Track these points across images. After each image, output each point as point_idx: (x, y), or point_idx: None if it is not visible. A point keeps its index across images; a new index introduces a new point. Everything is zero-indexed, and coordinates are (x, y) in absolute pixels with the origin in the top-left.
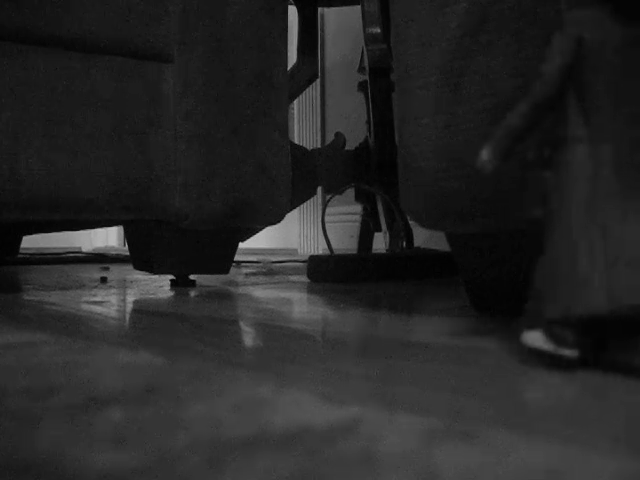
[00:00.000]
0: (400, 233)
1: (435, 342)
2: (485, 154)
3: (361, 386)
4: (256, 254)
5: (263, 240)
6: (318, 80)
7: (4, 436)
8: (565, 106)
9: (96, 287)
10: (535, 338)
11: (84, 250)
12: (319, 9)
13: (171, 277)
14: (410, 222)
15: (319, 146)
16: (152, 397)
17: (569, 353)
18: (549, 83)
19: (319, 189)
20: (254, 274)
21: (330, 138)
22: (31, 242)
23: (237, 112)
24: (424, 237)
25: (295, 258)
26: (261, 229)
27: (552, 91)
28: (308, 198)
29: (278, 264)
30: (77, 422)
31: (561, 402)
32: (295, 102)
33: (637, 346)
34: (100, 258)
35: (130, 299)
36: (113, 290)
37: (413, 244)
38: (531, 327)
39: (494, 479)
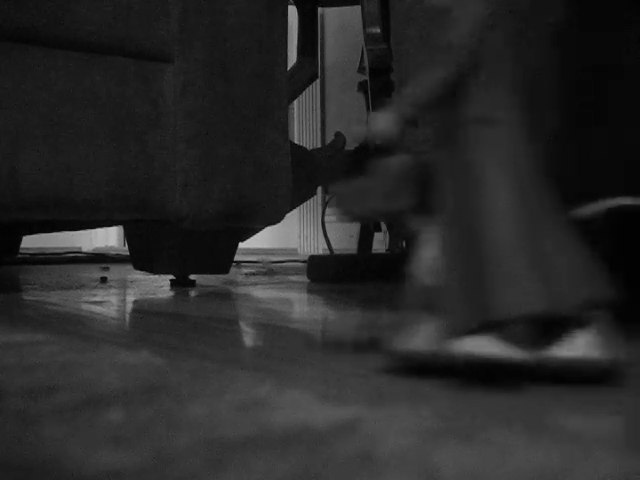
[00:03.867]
0: (400, 233)
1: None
2: (385, 117)
3: (361, 386)
4: (256, 254)
5: (263, 240)
6: (318, 80)
7: (4, 436)
8: (472, 83)
9: (96, 287)
10: (471, 343)
11: (84, 250)
12: (319, 9)
13: (171, 277)
14: None
15: (319, 146)
16: (152, 397)
17: (523, 355)
18: (473, 52)
19: (319, 189)
20: (254, 274)
21: (330, 138)
22: (31, 242)
23: (237, 112)
24: None
25: (295, 258)
26: (261, 229)
27: (472, 61)
28: (308, 198)
29: (278, 264)
30: (77, 422)
31: (561, 399)
32: (295, 102)
33: (581, 341)
34: (100, 258)
35: (130, 299)
36: (113, 290)
37: None
38: (459, 334)
39: (494, 479)
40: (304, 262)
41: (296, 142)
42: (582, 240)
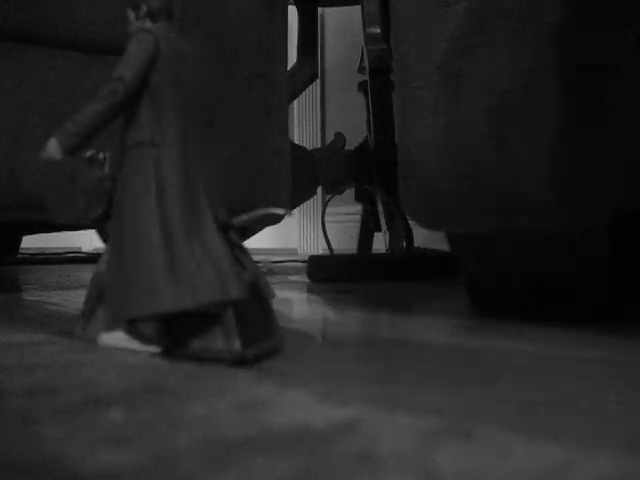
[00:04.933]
0: (400, 233)
1: (435, 342)
2: (53, 146)
3: (361, 386)
4: (256, 254)
5: (263, 240)
6: (318, 80)
7: (4, 436)
8: (137, 111)
9: None
10: (117, 338)
11: (84, 250)
12: (319, 9)
13: None
14: (410, 222)
15: (319, 146)
16: (152, 397)
17: (153, 349)
18: (129, 87)
19: (319, 189)
20: None
21: (330, 138)
22: (31, 242)
23: (237, 112)
24: (424, 237)
25: (295, 258)
26: (261, 229)
27: (130, 95)
28: (308, 198)
29: (278, 264)
30: (77, 422)
31: (562, 398)
32: (295, 102)
33: (216, 334)
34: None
35: None
36: None
37: (413, 244)
38: (109, 329)
39: (494, 479)
40: (304, 262)
41: (296, 142)
42: (225, 247)
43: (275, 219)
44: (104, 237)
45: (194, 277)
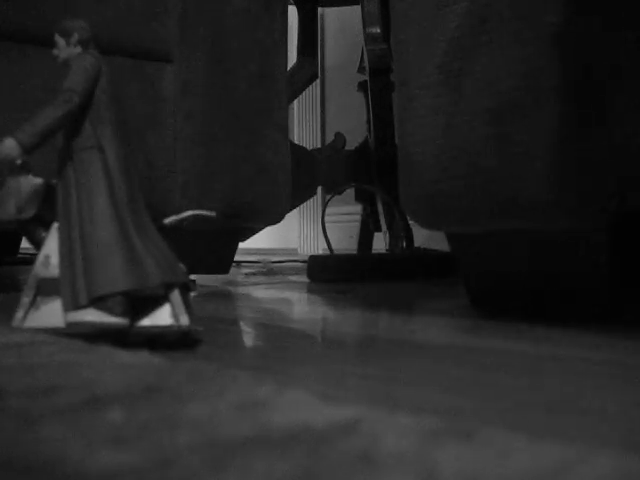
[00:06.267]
0: (400, 233)
1: (434, 342)
2: (12, 145)
3: (361, 386)
4: (256, 254)
5: (263, 240)
6: (318, 80)
7: (4, 436)
8: (81, 121)
9: None
10: (83, 314)
11: None
12: (319, 9)
13: None
14: (410, 222)
15: (319, 146)
16: (152, 397)
17: (120, 320)
18: (82, 98)
19: (319, 189)
20: (254, 274)
21: (330, 138)
22: None
23: (237, 112)
24: (424, 237)
25: (295, 258)
26: (261, 229)
27: (84, 103)
28: (308, 198)
29: (278, 264)
30: (77, 422)
31: (562, 398)
32: (295, 102)
33: (165, 313)
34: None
35: None
36: None
37: (413, 244)
38: (75, 308)
39: (494, 479)
40: (304, 262)
41: (296, 142)
42: (163, 238)
43: (206, 221)
44: (33, 240)
45: (148, 263)
